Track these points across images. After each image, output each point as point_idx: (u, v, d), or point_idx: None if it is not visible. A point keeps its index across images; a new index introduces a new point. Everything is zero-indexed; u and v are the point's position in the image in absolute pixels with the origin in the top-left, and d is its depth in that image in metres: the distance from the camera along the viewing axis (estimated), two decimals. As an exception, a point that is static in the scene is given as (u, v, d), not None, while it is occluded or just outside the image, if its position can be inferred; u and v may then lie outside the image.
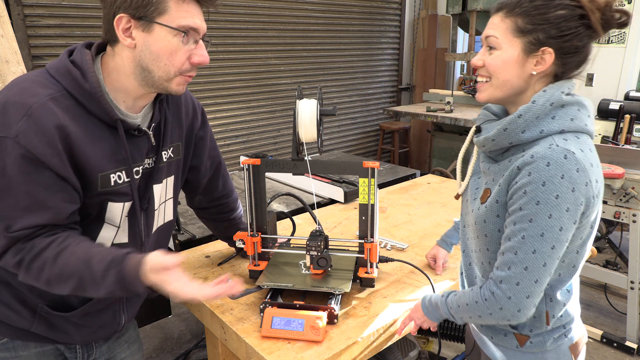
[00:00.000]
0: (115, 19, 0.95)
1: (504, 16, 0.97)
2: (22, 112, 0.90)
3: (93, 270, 0.95)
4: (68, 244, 0.96)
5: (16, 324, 1.07)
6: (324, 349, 1.12)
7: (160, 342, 2.74)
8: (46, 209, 0.94)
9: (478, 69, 1.03)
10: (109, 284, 0.95)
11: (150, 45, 0.96)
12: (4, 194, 0.92)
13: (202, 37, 1.02)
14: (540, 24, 0.93)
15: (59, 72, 0.98)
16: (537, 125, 0.95)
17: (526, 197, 0.92)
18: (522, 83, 0.98)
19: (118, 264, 0.95)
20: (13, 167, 0.90)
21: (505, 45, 0.97)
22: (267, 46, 4.48)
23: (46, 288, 0.97)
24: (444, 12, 5.39)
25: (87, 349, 1.18)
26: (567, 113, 0.95)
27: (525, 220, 0.92)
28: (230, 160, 4.39)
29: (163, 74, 0.99)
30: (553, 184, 0.89)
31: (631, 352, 2.58)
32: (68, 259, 0.95)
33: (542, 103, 0.95)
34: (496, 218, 1.01)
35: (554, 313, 1.04)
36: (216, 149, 1.40)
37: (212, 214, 1.49)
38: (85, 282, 0.96)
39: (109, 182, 1.03)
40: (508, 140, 0.98)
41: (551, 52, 0.94)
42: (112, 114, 0.99)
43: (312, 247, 1.29)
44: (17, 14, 3.09)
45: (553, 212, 0.90)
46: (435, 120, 4.01)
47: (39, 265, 0.95)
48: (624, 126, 2.74)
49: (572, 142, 0.93)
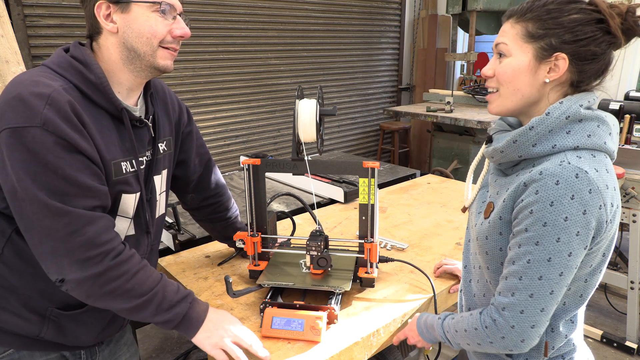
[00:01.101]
0: (95, 7, 1.00)
1: (515, 22, 0.92)
2: (43, 101, 0.90)
3: (167, 297, 1.04)
4: (145, 263, 1.04)
5: (24, 332, 1.06)
6: (324, 349, 1.12)
7: (160, 342, 2.74)
8: (90, 191, 0.95)
9: (488, 79, 0.97)
10: (172, 315, 1.04)
11: (131, 25, 1.01)
12: (46, 178, 0.91)
13: (180, 14, 1.07)
14: (553, 28, 0.87)
15: (61, 66, 0.99)
16: (550, 140, 0.88)
17: (532, 218, 0.85)
18: (534, 92, 0.92)
19: (191, 300, 1.08)
20: (48, 154, 0.90)
21: (516, 52, 0.91)
22: (267, 46, 4.48)
23: (101, 297, 0.98)
24: (444, 12, 5.39)
25: (90, 353, 1.18)
26: (585, 128, 0.88)
27: (532, 242, 0.86)
28: (230, 160, 4.39)
29: (147, 48, 1.03)
30: (562, 205, 0.82)
31: (631, 352, 2.58)
32: (145, 278, 1.02)
33: (557, 116, 0.88)
34: (499, 236, 0.95)
35: (554, 344, 0.97)
36: (204, 146, 1.42)
37: (207, 214, 1.49)
38: (150, 304, 1.02)
39: (121, 170, 1.05)
40: (517, 154, 0.92)
41: (565, 58, 0.87)
42: (118, 104, 1.02)
43: (312, 247, 1.29)
44: (17, 14, 3.09)
45: (561, 235, 0.83)
46: (435, 120, 4.01)
47: (116, 274, 0.97)
48: (624, 126, 2.73)
49: (587, 160, 0.85)
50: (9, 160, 0.90)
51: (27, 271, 1.03)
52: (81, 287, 0.96)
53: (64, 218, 0.91)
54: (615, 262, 3.11)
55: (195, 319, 1.08)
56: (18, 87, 0.92)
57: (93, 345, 1.18)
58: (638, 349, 2.58)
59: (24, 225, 0.93)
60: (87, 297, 0.98)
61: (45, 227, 0.91)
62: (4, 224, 1.02)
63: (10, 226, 1.01)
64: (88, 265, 0.94)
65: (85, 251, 0.93)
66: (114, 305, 1.00)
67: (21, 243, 1.02)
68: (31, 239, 0.94)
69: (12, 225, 1.01)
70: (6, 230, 1.02)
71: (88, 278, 0.95)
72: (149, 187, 1.16)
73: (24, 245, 1.02)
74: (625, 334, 2.65)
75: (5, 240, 1.02)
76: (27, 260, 1.02)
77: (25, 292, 1.04)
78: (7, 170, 0.91)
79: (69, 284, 0.95)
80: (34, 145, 0.89)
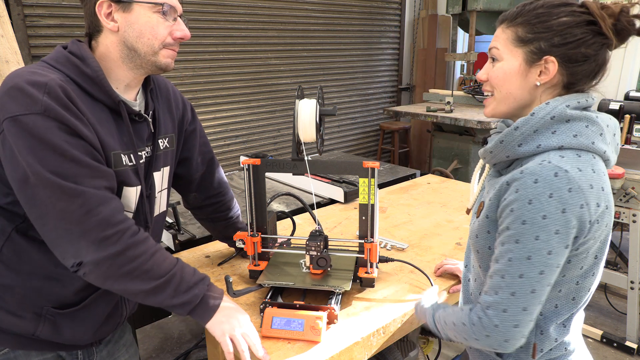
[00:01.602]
0: (96, 6, 1.00)
1: (506, 27, 0.94)
2: (42, 90, 0.91)
3: (185, 278, 1.04)
4: (160, 246, 1.05)
5: (19, 331, 1.06)
6: (324, 349, 1.12)
7: (160, 342, 2.74)
8: (99, 171, 0.96)
9: (483, 83, 1.00)
10: (191, 296, 1.04)
11: (132, 24, 1.01)
12: (54, 161, 0.91)
13: (180, 16, 1.08)
14: (542, 32, 0.89)
15: (59, 61, 1.00)
16: (535, 140, 0.90)
17: (512, 216, 0.86)
18: (525, 95, 0.94)
19: (208, 282, 1.09)
20: (53, 138, 0.90)
21: (507, 56, 0.93)
22: (267, 46, 4.48)
23: (119, 278, 0.97)
24: (444, 12, 5.39)
25: (88, 353, 1.18)
26: (571, 129, 0.88)
27: (512, 240, 0.87)
28: (230, 160, 4.39)
29: (148, 49, 1.03)
30: (540, 203, 0.83)
31: (631, 352, 2.58)
32: (162, 259, 1.02)
33: (541, 116, 0.89)
34: (487, 234, 0.96)
35: (543, 347, 0.97)
36: (207, 145, 1.42)
37: (209, 213, 1.49)
38: (169, 286, 1.02)
39: (121, 161, 1.05)
40: (505, 154, 0.94)
41: (554, 61, 0.89)
42: (115, 97, 1.03)
43: (311, 247, 1.29)
44: (17, 14, 3.09)
45: (540, 233, 0.84)
46: (435, 120, 4.01)
47: (134, 253, 0.97)
48: (624, 126, 2.73)
49: (570, 159, 0.86)
50: (16, 148, 0.90)
51: (24, 269, 1.03)
52: (99, 268, 0.95)
53: (78, 198, 0.91)
54: (615, 262, 3.11)
55: (213, 302, 1.08)
56: (15, 79, 0.92)
57: (90, 345, 1.17)
58: (638, 349, 2.58)
59: (37, 212, 0.93)
60: (105, 280, 0.97)
61: (59, 210, 0.91)
62: (4, 221, 1.02)
63: (11, 224, 1.01)
64: (105, 245, 0.94)
65: (101, 231, 0.93)
66: (132, 287, 0.98)
67: (21, 241, 1.02)
68: (44, 225, 0.93)
69: (13, 223, 1.01)
70: (6, 229, 1.02)
71: (106, 258, 0.94)
72: (148, 183, 1.16)
73: (24, 243, 1.02)
74: (625, 334, 2.65)
75: (5, 239, 1.02)
76: (26, 258, 1.02)
77: (21, 291, 1.04)
78: (17, 159, 0.90)
79: (86, 267, 0.94)
80: (37, 130, 0.89)
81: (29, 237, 1.02)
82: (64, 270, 1.03)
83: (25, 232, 1.02)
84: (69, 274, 1.04)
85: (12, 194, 0.97)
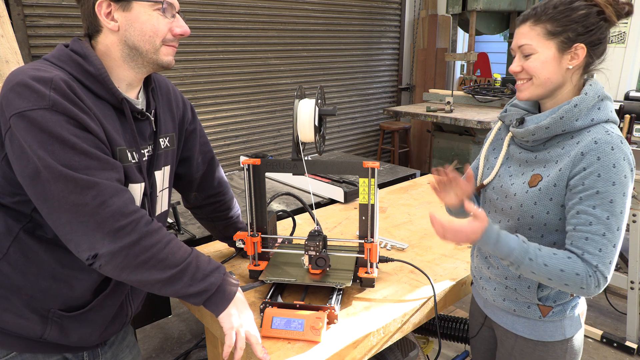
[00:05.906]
0: (95, 5, 1.00)
1: (532, 25, 1.09)
2: (48, 85, 0.91)
3: (200, 266, 1.04)
4: (174, 235, 1.04)
5: (27, 334, 1.05)
6: (324, 349, 1.12)
7: (160, 342, 2.74)
8: (109, 163, 0.96)
9: (517, 73, 1.14)
10: (208, 284, 1.04)
11: (132, 23, 1.01)
12: (65, 154, 0.91)
13: (178, 12, 1.08)
14: (568, 24, 1.06)
15: (61, 59, 0.99)
16: (588, 115, 1.07)
17: (601, 180, 1.02)
18: (560, 78, 1.10)
19: (224, 271, 1.09)
20: (62, 131, 0.90)
21: (541, 48, 1.08)
22: (267, 46, 4.48)
23: (135, 269, 0.97)
24: (444, 12, 5.39)
25: (93, 355, 1.18)
26: (607, 105, 1.10)
27: (607, 201, 1.02)
28: (230, 160, 4.39)
29: (150, 46, 1.04)
30: (621, 166, 1.02)
31: (631, 352, 2.58)
32: (177, 248, 1.02)
33: (592, 95, 1.08)
34: (548, 201, 1.09)
35: None
36: (208, 144, 1.41)
37: (209, 213, 1.49)
38: (185, 274, 1.02)
39: (126, 157, 1.05)
40: (562, 128, 1.09)
41: (583, 47, 1.07)
42: (118, 94, 1.02)
43: (310, 247, 1.29)
44: (17, 14, 3.09)
45: (625, 190, 1.03)
46: (435, 120, 4.01)
47: (149, 242, 0.97)
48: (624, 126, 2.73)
49: (616, 129, 1.08)
50: (25, 144, 0.89)
51: (31, 270, 1.02)
52: (115, 259, 0.94)
53: (91, 190, 0.91)
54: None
55: (229, 291, 1.08)
56: (18, 75, 0.92)
57: (96, 347, 1.17)
58: (638, 349, 2.58)
59: (49, 207, 0.92)
60: (121, 271, 0.96)
61: (73, 203, 0.90)
62: (12, 222, 1.01)
63: (18, 224, 1.01)
64: (121, 235, 0.94)
65: (115, 221, 0.93)
66: (149, 277, 0.98)
67: (29, 242, 1.01)
68: (57, 219, 0.92)
69: (20, 223, 1.01)
70: (14, 229, 1.01)
71: (122, 248, 0.94)
72: (150, 182, 1.16)
73: (32, 243, 1.01)
74: (625, 334, 2.65)
75: (12, 239, 1.01)
76: (33, 259, 1.02)
77: (28, 292, 1.03)
78: (27, 154, 0.90)
79: (102, 259, 0.93)
80: (46, 125, 0.89)
81: (36, 237, 1.02)
82: (70, 271, 1.03)
83: (32, 232, 1.02)
84: (76, 275, 1.04)
85: (19, 193, 0.97)
